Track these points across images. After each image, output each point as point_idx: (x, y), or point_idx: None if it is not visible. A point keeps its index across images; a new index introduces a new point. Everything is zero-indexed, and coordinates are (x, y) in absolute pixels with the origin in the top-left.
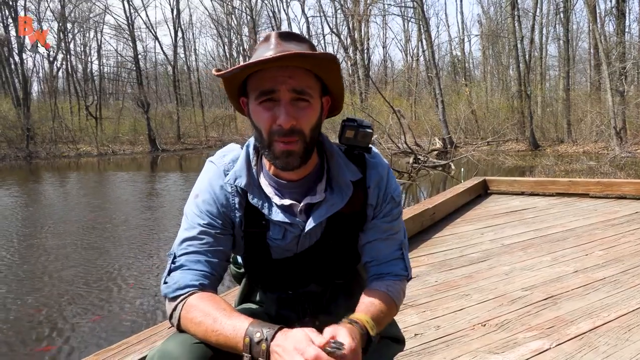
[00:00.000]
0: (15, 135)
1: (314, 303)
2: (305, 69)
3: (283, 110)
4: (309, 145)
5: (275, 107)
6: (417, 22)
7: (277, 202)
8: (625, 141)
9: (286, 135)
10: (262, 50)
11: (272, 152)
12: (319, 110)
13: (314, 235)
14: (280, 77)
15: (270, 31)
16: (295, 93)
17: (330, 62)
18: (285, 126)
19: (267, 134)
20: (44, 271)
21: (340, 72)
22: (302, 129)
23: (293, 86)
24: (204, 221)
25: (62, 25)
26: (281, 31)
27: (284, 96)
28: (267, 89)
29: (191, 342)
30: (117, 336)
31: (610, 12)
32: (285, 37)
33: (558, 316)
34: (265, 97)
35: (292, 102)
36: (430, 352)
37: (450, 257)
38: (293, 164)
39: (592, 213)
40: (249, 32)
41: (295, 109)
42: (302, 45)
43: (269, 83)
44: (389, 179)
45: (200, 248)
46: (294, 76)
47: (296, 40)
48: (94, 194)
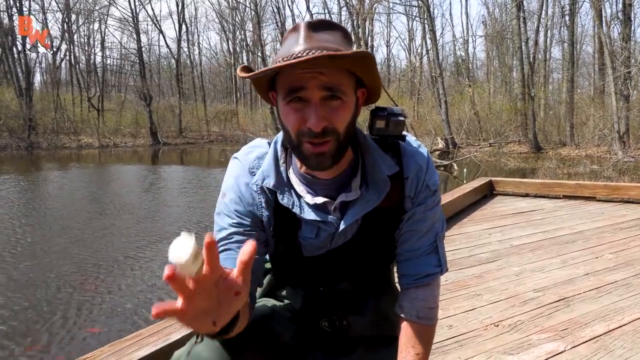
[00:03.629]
0: (17, 125)
1: (344, 302)
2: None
3: (313, 112)
4: (342, 144)
5: (305, 107)
6: (421, 21)
7: (310, 201)
8: (629, 146)
9: (317, 136)
10: (290, 43)
11: (302, 153)
12: (354, 107)
13: (349, 232)
14: (309, 73)
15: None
16: (327, 90)
17: (364, 60)
18: (315, 129)
19: (295, 135)
20: (48, 263)
21: (375, 67)
22: (336, 127)
23: (324, 83)
24: (234, 221)
25: (66, 16)
26: (311, 20)
27: (314, 95)
28: (295, 86)
29: (220, 344)
30: (126, 330)
31: (616, 16)
32: (315, 28)
33: (571, 318)
34: (293, 96)
35: (323, 102)
36: (444, 352)
37: (459, 256)
38: (325, 164)
39: (599, 216)
40: (253, 28)
41: (326, 108)
42: (335, 34)
43: (297, 80)
44: (429, 168)
45: (232, 247)
46: (325, 72)
47: (328, 29)
48: (94, 186)
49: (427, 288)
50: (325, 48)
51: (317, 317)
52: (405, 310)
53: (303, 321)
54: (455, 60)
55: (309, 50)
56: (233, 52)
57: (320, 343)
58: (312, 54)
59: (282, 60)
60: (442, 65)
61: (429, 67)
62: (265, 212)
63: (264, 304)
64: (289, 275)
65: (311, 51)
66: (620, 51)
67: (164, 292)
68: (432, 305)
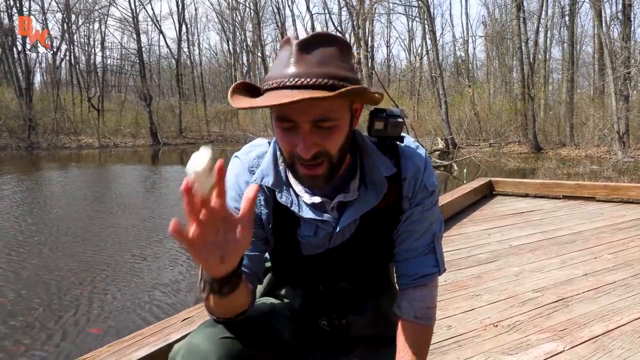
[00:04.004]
0: (17, 126)
1: (343, 301)
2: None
3: (302, 141)
4: (336, 165)
5: (295, 132)
6: (421, 21)
7: (307, 201)
8: (628, 146)
9: (308, 161)
10: (281, 62)
11: (295, 173)
12: (348, 126)
13: (348, 232)
14: (298, 107)
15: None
16: (316, 121)
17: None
18: (305, 157)
19: (288, 156)
20: (50, 263)
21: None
22: (328, 151)
23: (314, 117)
24: None
25: (66, 16)
26: (304, 38)
27: (304, 126)
28: (283, 116)
29: (219, 337)
30: (126, 330)
31: (616, 16)
32: (307, 48)
33: (570, 319)
34: (283, 123)
35: (313, 129)
36: (443, 352)
37: (458, 257)
38: (318, 185)
39: (598, 216)
40: (253, 28)
41: (317, 134)
42: (330, 49)
43: (286, 111)
44: (426, 169)
45: None
46: (315, 104)
47: (322, 45)
48: (95, 186)
49: (425, 288)
50: (318, 75)
51: (316, 316)
52: (403, 311)
53: (302, 320)
54: (455, 60)
55: (301, 77)
56: (233, 53)
57: (319, 342)
58: (305, 81)
59: (273, 84)
60: (442, 66)
61: (429, 67)
62: (264, 210)
63: (264, 302)
64: (289, 274)
65: (304, 78)
66: (620, 51)
67: (164, 292)
68: (430, 305)
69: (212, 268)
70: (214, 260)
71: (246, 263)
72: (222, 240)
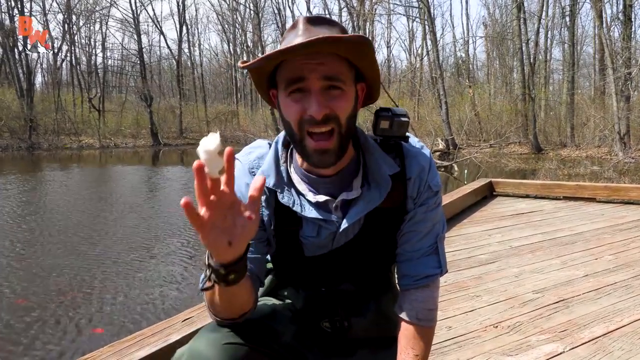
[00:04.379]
0: (18, 126)
1: (345, 302)
2: (336, 54)
3: (314, 100)
4: (344, 138)
5: (306, 97)
6: (422, 22)
7: (311, 199)
8: (629, 147)
9: (319, 124)
10: (290, 37)
11: (304, 149)
12: (354, 99)
13: (351, 232)
14: (309, 64)
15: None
16: (327, 80)
17: (363, 46)
18: (317, 117)
19: (297, 126)
20: (47, 262)
21: (374, 56)
22: (338, 115)
23: (324, 73)
24: None
25: (67, 17)
26: (310, 15)
27: (314, 85)
28: (295, 77)
29: (222, 343)
30: (127, 330)
31: (617, 17)
32: (314, 22)
33: (570, 320)
34: (294, 87)
35: (323, 91)
36: (443, 353)
37: (458, 257)
38: (328, 161)
39: (599, 217)
40: (253, 29)
41: (327, 97)
42: (333, 29)
43: (297, 70)
44: (431, 169)
45: None
46: (325, 62)
47: (326, 24)
48: (97, 186)
49: (427, 289)
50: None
51: (318, 318)
52: (404, 312)
53: (304, 321)
54: (455, 61)
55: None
56: (233, 53)
57: (320, 344)
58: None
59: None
60: (442, 66)
61: (430, 68)
62: (265, 211)
63: (265, 304)
64: (291, 275)
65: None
66: (621, 52)
67: (165, 292)
68: (432, 307)
69: (220, 252)
70: (222, 245)
71: (248, 266)
72: (230, 225)
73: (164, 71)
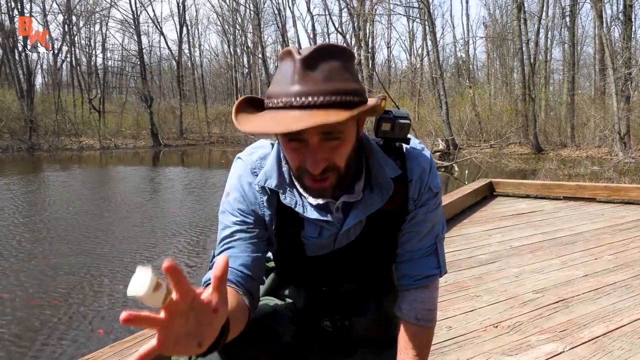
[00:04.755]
0: (19, 127)
1: (346, 302)
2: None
3: (312, 156)
4: (343, 175)
5: (304, 148)
6: (422, 22)
7: (312, 201)
8: (630, 147)
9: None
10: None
11: (303, 184)
12: (354, 136)
13: (353, 234)
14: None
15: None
16: (325, 135)
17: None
18: (315, 172)
19: (296, 170)
20: (48, 263)
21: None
22: (336, 165)
23: (322, 129)
24: (237, 219)
25: (67, 17)
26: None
27: (312, 139)
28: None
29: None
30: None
31: (617, 17)
32: (310, 65)
33: (570, 319)
34: (291, 141)
35: (321, 143)
36: (442, 353)
37: (458, 257)
38: (325, 195)
39: (599, 217)
40: (253, 29)
41: (326, 149)
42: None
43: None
44: (432, 170)
45: (235, 245)
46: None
47: (325, 60)
48: (98, 187)
49: (426, 290)
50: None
51: (319, 317)
52: (404, 312)
53: (305, 321)
54: (456, 61)
55: (307, 96)
56: (234, 54)
57: (321, 343)
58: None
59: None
60: (442, 67)
61: (430, 68)
62: (267, 211)
63: (266, 303)
64: (292, 274)
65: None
66: (621, 52)
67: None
68: (431, 307)
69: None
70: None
71: (248, 265)
72: (195, 327)
73: (164, 72)
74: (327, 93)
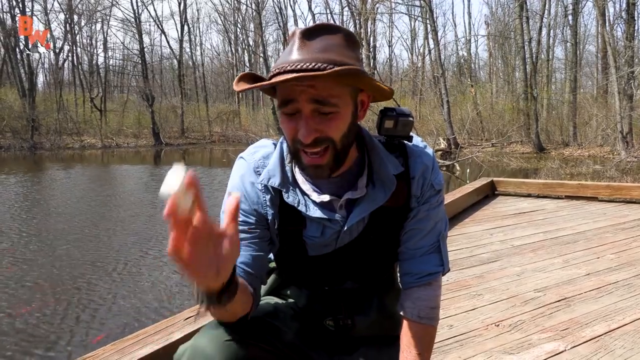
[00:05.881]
0: (20, 126)
1: (348, 301)
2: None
3: (304, 124)
4: (340, 153)
5: (297, 118)
6: (424, 21)
7: (316, 199)
8: (632, 146)
9: (309, 146)
10: (286, 52)
11: (299, 161)
12: (351, 115)
13: (355, 231)
14: (299, 86)
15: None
16: (317, 103)
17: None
18: (305, 141)
19: (291, 143)
20: (51, 262)
21: (367, 78)
22: (330, 137)
23: (314, 96)
24: (239, 219)
25: (68, 16)
26: (308, 27)
27: (305, 108)
28: (286, 98)
29: (224, 340)
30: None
31: (620, 15)
32: (310, 36)
33: (572, 318)
34: (286, 108)
35: (314, 113)
36: (444, 351)
37: (460, 256)
38: (323, 174)
39: (601, 216)
40: (254, 28)
41: (318, 120)
42: (334, 38)
43: (288, 93)
44: (434, 168)
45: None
46: (316, 85)
47: (326, 34)
48: (101, 186)
49: (429, 288)
50: (317, 59)
51: (321, 316)
52: (407, 310)
53: (307, 320)
54: (457, 60)
55: (302, 62)
56: (235, 53)
57: (323, 342)
58: (305, 65)
59: (276, 70)
60: (444, 65)
61: (431, 67)
62: (270, 210)
63: (268, 302)
64: (294, 274)
65: (304, 63)
66: (624, 50)
67: (167, 291)
68: (434, 305)
69: (209, 283)
70: (210, 276)
71: (250, 263)
72: (214, 255)
73: (166, 71)
74: (320, 60)
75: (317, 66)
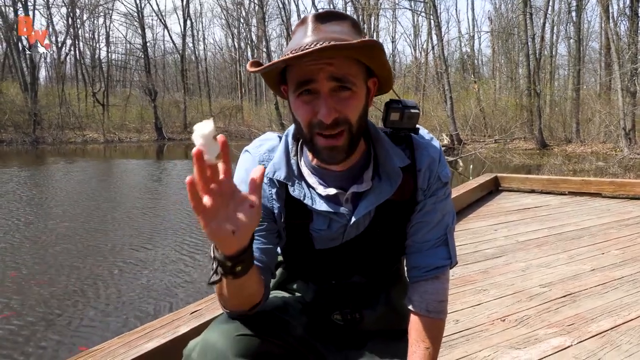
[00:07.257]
0: (23, 120)
1: (356, 295)
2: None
3: (323, 103)
4: (355, 137)
5: (315, 99)
6: (427, 16)
7: (322, 192)
8: (635, 142)
9: (329, 128)
10: (299, 35)
11: (314, 146)
12: (365, 97)
13: (362, 225)
14: (318, 64)
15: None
16: (336, 81)
17: (372, 48)
18: (326, 121)
19: (307, 128)
20: (53, 257)
21: (384, 55)
22: (348, 118)
23: (332, 74)
24: None
25: (71, 11)
26: (319, 12)
27: (324, 87)
28: (304, 79)
29: (235, 334)
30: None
31: (623, 12)
32: (322, 19)
33: (578, 314)
34: (303, 88)
35: (332, 93)
36: (450, 346)
37: (465, 252)
38: (338, 158)
39: (605, 212)
40: (257, 23)
41: (336, 99)
42: (343, 24)
43: (306, 73)
44: (441, 160)
45: None
46: (333, 62)
47: (336, 20)
48: (99, 180)
49: (437, 281)
50: (333, 39)
51: (329, 311)
52: (414, 304)
53: (314, 314)
54: (461, 56)
55: (317, 42)
56: (238, 48)
57: (331, 336)
58: (320, 45)
59: (290, 53)
60: (447, 61)
61: (435, 63)
62: (276, 203)
63: (275, 296)
64: (301, 268)
65: (319, 42)
66: (627, 47)
67: (173, 285)
68: (442, 299)
69: (225, 243)
70: (226, 234)
71: (258, 256)
72: (232, 214)
73: (168, 65)
74: (337, 39)
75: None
